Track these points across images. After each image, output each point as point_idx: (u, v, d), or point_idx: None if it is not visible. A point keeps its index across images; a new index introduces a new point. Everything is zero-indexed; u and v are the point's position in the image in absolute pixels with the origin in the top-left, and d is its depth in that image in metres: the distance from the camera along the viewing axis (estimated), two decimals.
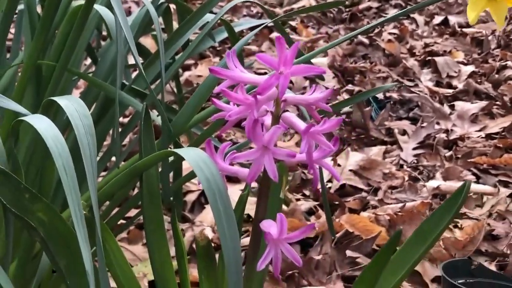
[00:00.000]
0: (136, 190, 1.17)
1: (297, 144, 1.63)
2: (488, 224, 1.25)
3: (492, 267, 1.13)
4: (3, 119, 0.88)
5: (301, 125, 0.56)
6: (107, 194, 0.68)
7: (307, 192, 1.42)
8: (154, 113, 0.96)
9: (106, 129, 1.00)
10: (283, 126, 0.57)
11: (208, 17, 1.02)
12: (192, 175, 0.94)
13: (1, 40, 0.91)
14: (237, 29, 1.08)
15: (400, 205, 1.29)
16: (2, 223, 0.70)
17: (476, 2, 0.92)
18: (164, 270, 0.68)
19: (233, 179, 1.45)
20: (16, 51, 1.10)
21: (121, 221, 1.07)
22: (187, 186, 1.37)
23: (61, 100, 0.64)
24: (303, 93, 2.10)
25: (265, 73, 2.13)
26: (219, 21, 1.04)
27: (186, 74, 2.07)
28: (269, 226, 0.58)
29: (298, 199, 1.36)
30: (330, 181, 1.47)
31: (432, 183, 1.42)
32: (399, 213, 1.23)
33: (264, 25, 1.01)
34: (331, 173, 0.61)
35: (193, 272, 0.95)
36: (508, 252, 1.14)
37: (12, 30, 1.08)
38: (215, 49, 2.30)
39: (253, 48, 2.34)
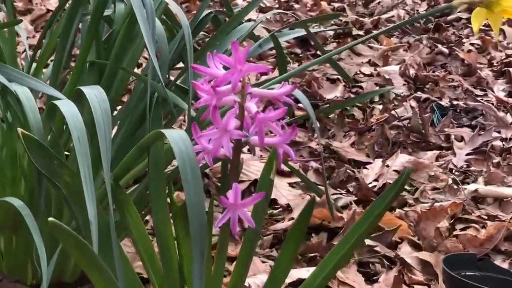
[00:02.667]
0: None
1: (352, 144, 1.75)
2: None
3: (505, 264, 1.19)
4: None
5: (254, 112, 0.70)
6: (123, 168, 0.85)
7: (351, 188, 1.53)
8: None
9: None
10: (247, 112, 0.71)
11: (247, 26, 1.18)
12: None
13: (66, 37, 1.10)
14: (281, 39, 1.26)
15: (430, 203, 1.38)
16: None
17: (478, 14, 1.03)
18: (165, 229, 0.84)
19: (285, 173, 1.60)
20: None
21: None
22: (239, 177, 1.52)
23: (86, 89, 0.81)
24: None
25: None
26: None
27: None
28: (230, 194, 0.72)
29: (339, 193, 1.48)
30: (376, 180, 1.57)
31: (471, 187, 1.48)
32: (425, 211, 1.31)
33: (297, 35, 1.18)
34: (289, 155, 0.74)
35: None
36: None
37: None
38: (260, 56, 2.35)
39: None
